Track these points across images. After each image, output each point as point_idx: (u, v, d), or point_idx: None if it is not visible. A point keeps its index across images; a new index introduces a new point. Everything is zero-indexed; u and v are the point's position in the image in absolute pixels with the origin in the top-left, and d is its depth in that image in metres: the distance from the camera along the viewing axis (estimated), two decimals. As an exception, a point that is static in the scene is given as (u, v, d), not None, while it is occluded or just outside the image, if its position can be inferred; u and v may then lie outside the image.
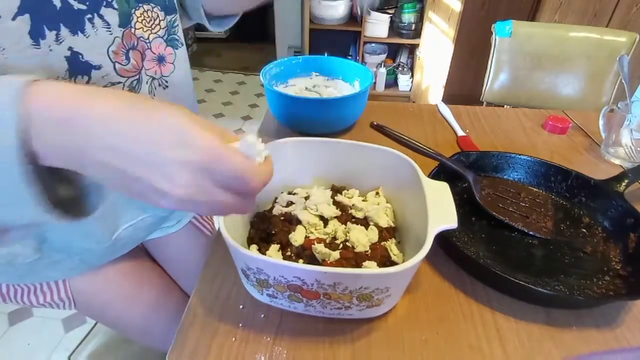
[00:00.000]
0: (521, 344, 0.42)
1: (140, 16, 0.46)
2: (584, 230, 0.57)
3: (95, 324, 1.25)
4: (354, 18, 2.47)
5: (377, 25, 2.39)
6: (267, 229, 0.49)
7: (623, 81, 0.76)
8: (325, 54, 2.69)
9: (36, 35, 0.37)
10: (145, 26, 0.47)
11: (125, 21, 0.44)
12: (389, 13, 2.38)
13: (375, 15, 2.36)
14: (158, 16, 0.49)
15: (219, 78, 2.98)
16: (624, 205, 0.56)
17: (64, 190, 0.29)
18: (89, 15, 0.41)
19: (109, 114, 0.24)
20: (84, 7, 0.40)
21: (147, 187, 0.26)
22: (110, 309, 0.62)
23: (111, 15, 0.43)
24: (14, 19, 0.35)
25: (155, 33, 0.49)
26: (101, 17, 0.42)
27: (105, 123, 0.24)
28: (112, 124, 0.24)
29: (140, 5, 0.46)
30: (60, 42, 0.39)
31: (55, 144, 0.25)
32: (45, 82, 0.25)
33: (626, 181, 0.59)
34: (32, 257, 0.50)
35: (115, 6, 0.43)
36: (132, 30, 0.45)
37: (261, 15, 3.24)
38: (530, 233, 0.55)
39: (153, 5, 0.48)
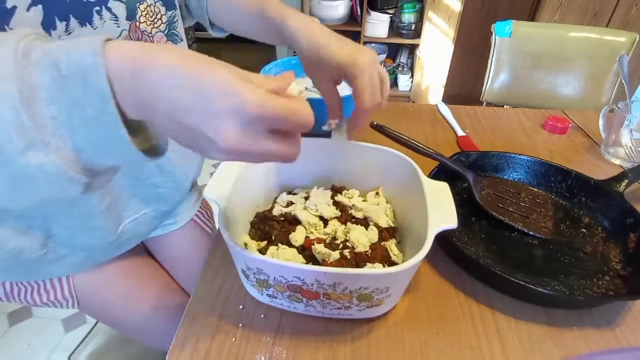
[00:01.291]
0: (521, 344, 0.42)
1: (144, 10, 0.48)
2: (584, 230, 0.57)
3: (95, 324, 1.25)
4: (354, 18, 2.47)
5: (377, 25, 2.39)
6: (267, 229, 0.49)
7: (623, 81, 0.76)
8: (325, 54, 2.69)
9: (48, 26, 0.39)
10: (149, 20, 0.49)
11: (131, 14, 0.46)
12: (389, 13, 2.38)
13: (375, 15, 2.36)
14: (160, 11, 0.51)
15: (219, 78, 2.98)
16: (623, 205, 0.56)
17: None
18: (97, 8, 0.43)
19: (170, 68, 0.26)
20: None
21: (201, 137, 0.27)
22: (112, 307, 0.62)
23: (119, 8, 0.45)
24: (28, 9, 0.37)
25: (157, 27, 0.51)
26: (109, 9, 0.44)
27: (166, 77, 0.26)
28: (172, 78, 0.26)
29: None
30: (70, 33, 0.41)
31: (130, 95, 0.26)
32: (115, 40, 0.27)
33: (626, 181, 0.59)
34: (38, 253, 0.50)
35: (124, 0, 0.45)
36: (137, 23, 0.47)
37: (261, 15, 3.23)
38: (530, 233, 0.55)
39: (155, 0, 0.50)
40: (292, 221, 0.50)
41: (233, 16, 0.58)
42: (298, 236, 0.47)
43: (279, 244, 0.47)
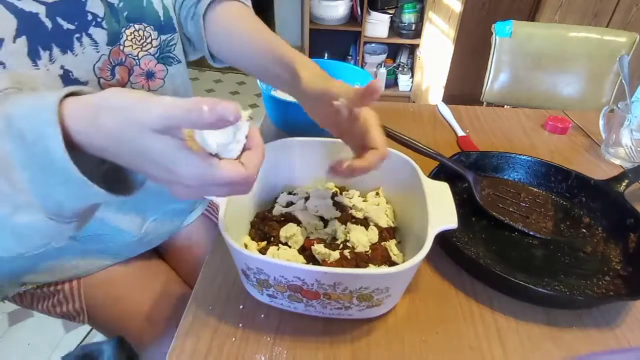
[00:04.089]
0: (521, 344, 0.42)
1: (130, 35, 0.49)
2: (584, 230, 0.57)
3: (96, 324, 1.25)
4: (354, 18, 2.47)
5: (377, 25, 2.39)
6: (267, 229, 0.49)
7: (623, 81, 0.76)
8: (325, 55, 2.68)
9: (34, 56, 0.40)
10: (135, 44, 0.50)
11: (114, 39, 0.47)
12: (389, 13, 2.38)
13: (375, 15, 2.36)
14: (150, 35, 0.51)
15: (219, 78, 2.98)
16: (624, 205, 0.56)
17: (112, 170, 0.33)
18: (78, 35, 0.43)
19: (106, 146, 0.28)
20: (72, 27, 0.43)
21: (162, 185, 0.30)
22: (122, 325, 0.62)
23: (100, 34, 0.45)
24: (14, 41, 0.38)
25: (145, 50, 0.51)
26: (89, 35, 0.44)
27: (105, 151, 0.28)
28: (110, 153, 0.28)
29: (131, 25, 0.49)
30: (53, 62, 0.42)
31: (90, 147, 0.28)
32: (71, 100, 0.28)
33: (626, 181, 0.59)
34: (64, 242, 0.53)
35: (105, 26, 0.46)
36: (121, 47, 0.48)
37: (261, 15, 3.23)
38: (531, 233, 0.55)
39: (145, 25, 0.50)
40: (293, 221, 0.50)
41: (237, 53, 0.56)
42: (298, 236, 0.48)
43: (279, 244, 0.47)
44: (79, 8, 0.43)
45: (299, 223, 0.50)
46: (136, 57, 0.50)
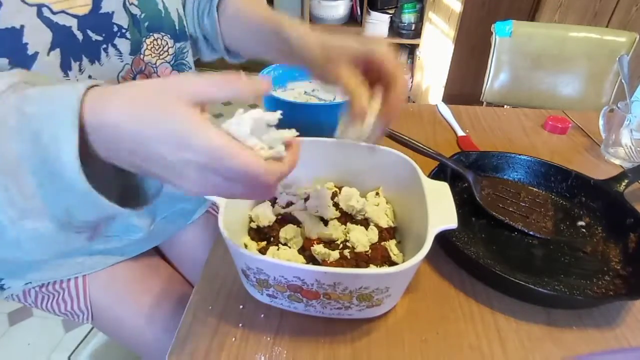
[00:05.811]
0: (521, 344, 0.42)
1: (150, 44, 0.51)
2: (584, 230, 0.57)
3: (96, 324, 1.25)
4: (354, 18, 2.47)
5: (377, 26, 2.39)
6: (267, 229, 0.49)
7: (623, 81, 0.76)
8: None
9: (65, 67, 0.41)
10: (154, 53, 0.51)
11: (136, 49, 0.49)
12: (389, 13, 2.38)
13: (375, 15, 2.36)
14: (167, 43, 0.53)
15: (219, 78, 2.98)
16: (623, 205, 0.56)
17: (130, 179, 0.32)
18: (104, 45, 0.45)
19: (120, 123, 0.26)
20: (100, 38, 0.44)
21: (168, 181, 0.28)
22: (125, 325, 0.62)
23: (124, 45, 0.47)
24: (48, 54, 0.39)
25: (162, 59, 0.53)
26: (115, 46, 0.46)
27: (118, 133, 0.26)
28: (124, 133, 0.26)
29: (150, 34, 0.50)
30: (82, 72, 0.43)
31: (99, 146, 0.27)
32: (92, 90, 0.27)
33: (626, 181, 0.59)
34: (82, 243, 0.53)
35: (129, 36, 0.47)
36: (142, 56, 0.50)
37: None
38: (531, 233, 0.55)
39: (163, 34, 0.52)
40: (293, 221, 0.50)
41: (244, 33, 0.56)
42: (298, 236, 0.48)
43: (279, 244, 0.47)
44: (106, 20, 0.45)
45: (298, 223, 0.50)
46: (154, 65, 0.52)
